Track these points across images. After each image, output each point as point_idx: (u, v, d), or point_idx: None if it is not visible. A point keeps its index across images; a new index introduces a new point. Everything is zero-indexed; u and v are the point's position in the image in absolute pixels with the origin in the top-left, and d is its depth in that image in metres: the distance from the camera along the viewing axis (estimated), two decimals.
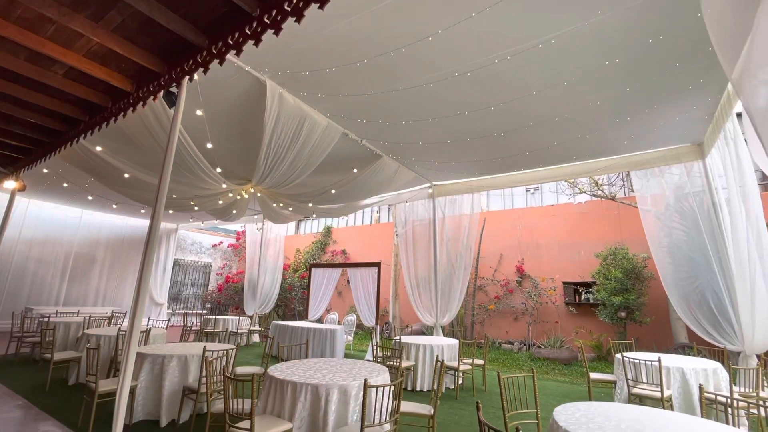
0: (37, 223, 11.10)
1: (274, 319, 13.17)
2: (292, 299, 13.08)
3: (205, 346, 4.04)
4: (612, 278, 7.45)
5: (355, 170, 6.83)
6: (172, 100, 3.87)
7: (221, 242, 16.27)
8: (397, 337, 6.04)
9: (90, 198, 8.13)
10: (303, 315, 13.20)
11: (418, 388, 6.04)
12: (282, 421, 2.93)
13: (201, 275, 15.61)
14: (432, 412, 3.37)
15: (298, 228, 16.18)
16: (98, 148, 5.90)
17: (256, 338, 10.59)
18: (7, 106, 4.98)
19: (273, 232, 12.02)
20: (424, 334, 10.30)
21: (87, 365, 3.97)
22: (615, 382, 5.25)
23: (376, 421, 2.82)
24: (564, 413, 2.38)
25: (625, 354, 4.81)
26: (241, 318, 10.14)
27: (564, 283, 8.92)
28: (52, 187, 8.74)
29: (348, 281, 12.63)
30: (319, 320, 10.22)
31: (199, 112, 4.76)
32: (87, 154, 6.21)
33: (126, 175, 6.29)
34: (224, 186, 6.49)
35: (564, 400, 5.60)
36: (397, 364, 5.77)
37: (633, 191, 8.49)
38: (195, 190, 7.23)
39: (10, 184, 7.25)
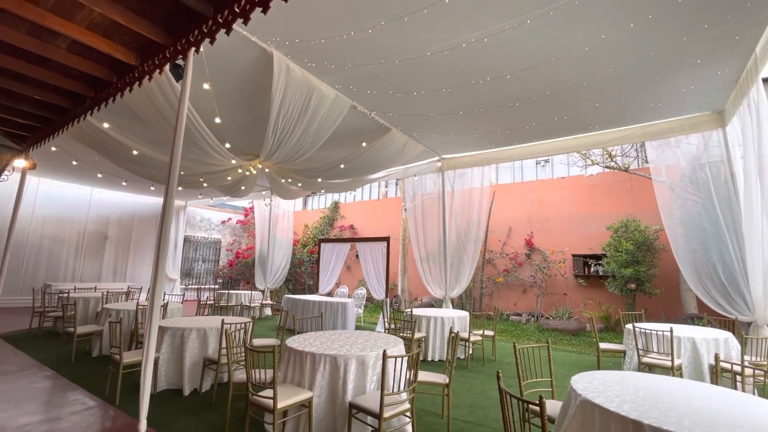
0: (48, 202, 11.23)
1: (285, 293, 13.44)
2: (302, 274, 13.28)
3: (223, 320, 4.13)
4: (623, 250, 7.42)
5: (363, 144, 6.73)
6: (179, 73, 3.78)
7: (230, 218, 16.40)
8: (409, 310, 6.14)
9: (99, 175, 8.15)
10: (313, 289, 13.44)
11: (429, 358, 6.18)
12: (303, 390, 3.02)
13: (211, 251, 15.85)
14: (447, 380, 3.45)
15: (305, 203, 16.20)
16: (105, 125, 5.84)
17: (268, 311, 10.84)
18: (11, 82, 4.91)
19: (281, 207, 12.05)
20: (432, 306, 10.47)
21: (110, 338, 4.10)
22: (624, 352, 5.32)
23: (395, 389, 2.89)
24: (581, 382, 2.42)
25: (636, 324, 4.84)
26: (253, 292, 10.33)
27: (573, 255, 8.91)
28: (61, 166, 8.76)
29: (357, 255, 12.76)
30: (329, 294, 10.40)
31: (206, 86, 4.66)
32: (94, 131, 6.17)
33: (134, 152, 6.26)
34: (233, 162, 6.44)
35: (574, 369, 5.72)
36: (410, 335, 5.89)
37: (647, 162, 8.31)
38: (203, 166, 7.20)
39: (21, 162, 7.27)
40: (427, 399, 4.16)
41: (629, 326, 5.31)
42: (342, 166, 6.94)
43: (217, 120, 5.23)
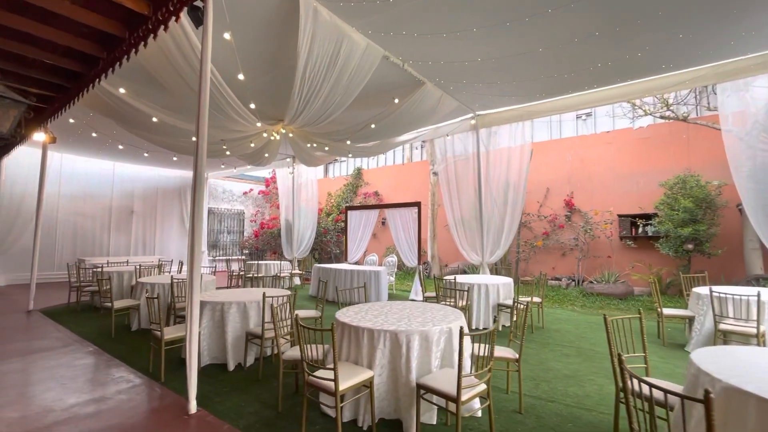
0: (72, 179, 11.20)
1: (311, 262, 13.37)
2: (328, 242, 13.11)
3: (264, 293, 3.87)
4: (680, 208, 6.79)
5: (396, 100, 6.16)
6: (198, 17, 3.30)
7: (251, 189, 16.22)
8: (452, 277, 5.80)
9: (120, 147, 7.90)
10: (339, 257, 13.30)
11: (473, 327, 5.91)
12: (363, 369, 2.73)
13: (235, 222, 15.83)
14: (517, 355, 3.12)
15: (327, 171, 15.80)
16: (121, 90, 5.45)
17: (297, 281, 10.77)
18: (20, 45, 4.53)
19: (303, 176, 11.68)
20: (465, 272, 10.16)
21: (149, 314, 3.91)
22: (690, 318, 4.88)
23: (471, 370, 2.57)
24: (711, 362, 2.00)
25: (713, 288, 4.37)
26: (282, 262, 10.22)
27: (619, 215, 8.30)
28: (81, 139, 8.53)
29: (383, 222, 12.44)
30: (357, 262, 10.17)
31: (227, 36, 4.15)
32: (110, 98, 5.79)
33: (154, 119, 5.89)
34: (258, 125, 6.02)
35: (635, 337, 5.32)
36: (452, 303, 5.58)
37: (709, 110, 7.46)
38: (225, 132, 6.80)
39: (40, 136, 7.04)
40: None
41: (699, 290, 4.84)
42: (372, 126, 6.42)
43: (241, 76, 4.74)
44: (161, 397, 3.33)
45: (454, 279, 5.60)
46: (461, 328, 2.32)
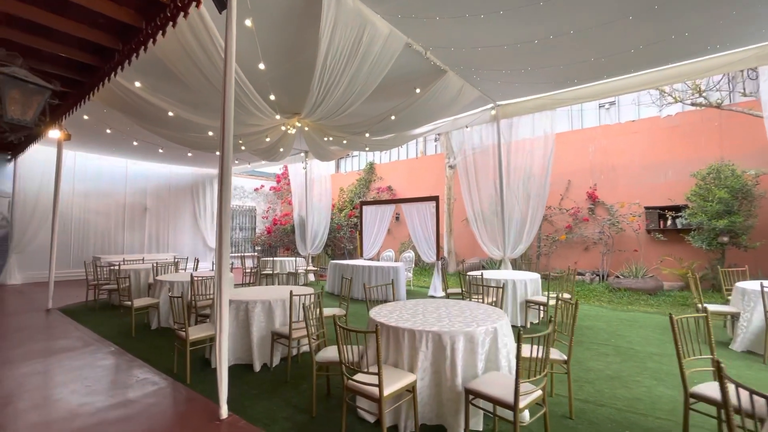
0: (86, 177, 11.18)
1: (324, 258, 13.25)
2: (341, 238, 12.96)
3: (291, 291, 3.71)
4: (714, 199, 6.49)
5: (417, 90, 5.94)
6: (222, 2, 3.12)
7: (262, 186, 16.12)
8: (478, 273, 5.60)
9: (135, 143, 7.80)
10: (353, 253, 13.17)
11: None
12: (404, 373, 2.56)
13: (247, 219, 15.76)
14: (566, 357, 2.92)
15: (338, 166, 15.63)
16: (137, 84, 5.31)
17: (311, 277, 10.64)
18: (33, 38, 4.39)
19: (314, 171, 11.51)
20: (484, 268, 9.94)
21: (172, 314, 3.78)
22: (735, 315, 4.63)
23: (529, 375, 2.37)
24: None
25: (764, 282, 4.11)
26: (297, 259, 10.11)
27: (647, 208, 8.00)
28: (95, 136, 8.46)
29: (397, 218, 12.26)
30: (372, 258, 10.00)
31: (248, 23, 3.97)
32: (126, 93, 5.66)
33: (170, 114, 5.75)
34: (278, 117, 5.85)
35: (668, 334, 5.09)
36: (479, 300, 5.39)
37: (746, 95, 7.11)
38: (242, 127, 6.65)
39: (55, 133, 6.96)
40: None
41: (744, 285, 4.58)
42: (393, 117, 6.21)
43: (262, 65, 4.57)
44: (189, 401, 3.20)
45: (481, 275, 5.39)
46: (519, 330, 2.13)
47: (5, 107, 1.53)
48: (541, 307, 5.62)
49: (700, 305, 4.74)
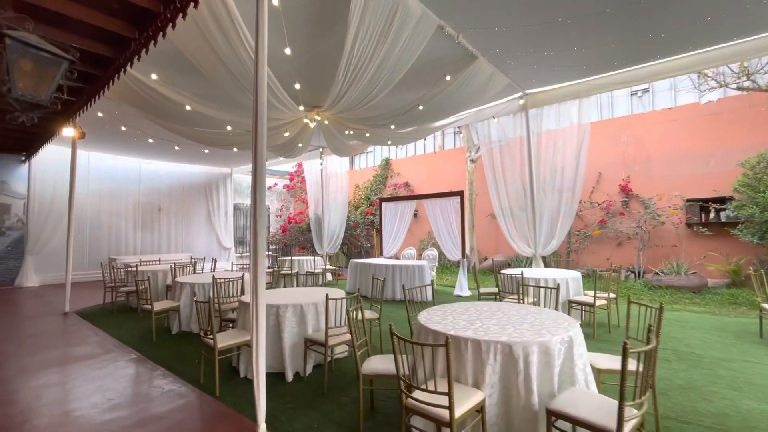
0: (100, 177, 11.04)
1: (340, 257, 12.97)
2: (358, 236, 12.66)
3: (327, 295, 3.40)
4: (766, 190, 6.02)
5: (448, 77, 5.58)
6: None
7: (275, 184, 15.89)
8: (518, 272, 5.23)
9: (150, 141, 7.57)
10: (369, 252, 12.86)
11: None
12: (470, 390, 2.23)
13: None
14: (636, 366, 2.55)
15: (352, 163, 15.32)
16: (153, 76, 5.05)
17: (329, 277, 10.35)
18: (46, 29, 4.13)
19: (330, 167, 11.20)
20: (509, 266, 9.55)
21: (198, 320, 3.50)
22: None
23: (590, 387, 2.03)
24: None
25: None
26: (316, 258, 9.83)
27: (687, 200, 7.54)
28: (110, 134, 8.25)
29: (415, 215, 11.90)
30: (390, 257, 9.67)
31: (275, 1, 3.65)
32: (141, 87, 5.40)
33: (187, 107, 5.48)
34: (301, 109, 5.54)
35: (728, 337, 4.68)
36: (514, 300, 5.04)
37: None
38: None
39: (69, 131, 6.75)
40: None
41: None
42: (420, 107, 5.86)
43: (288, 50, 4.25)
44: (222, 417, 2.91)
45: (521, 274, 5.02)
46: (624, 343, 1.78)
47: (14, 81, 1.25)
48: (583, 308, 5.25)
49: (766, 305, 4.33)
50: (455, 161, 11.44)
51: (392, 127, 6.35)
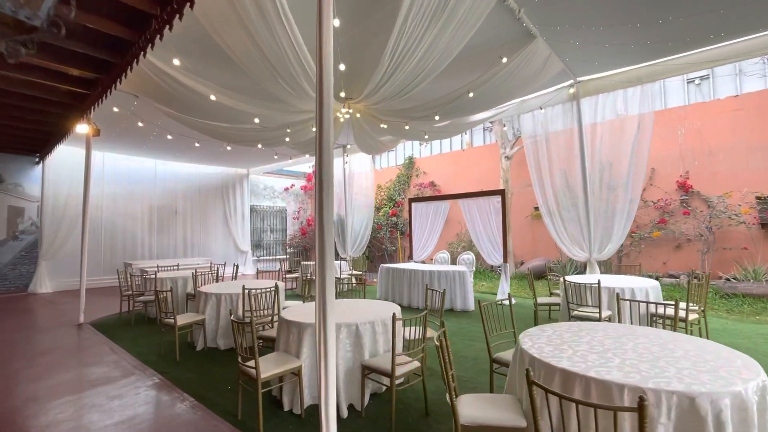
0: (115, 178, 10.62)
1: (363, 261, 12.37)
2: (382, 239, 12.04)
3: (394, 314, 2.78)
4: None
5: (504, 59, 4.93)
6: None
7: (293, 185, 15.37)
8: (593, 282, 4.54)
9: (170, 137, 7.07)
10: (393, 255, 12.24)
11: None
12: None
13: (278, 220, 15.04)
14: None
15: (373, 162, 14.71)
16: (176, 62, 4.50)
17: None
18: (59, 7, 3.61)
19: (352, 166, 10.61)
20: (551, 270, 8.84)
21: (236, 344, 2.90)
22: None
23: None
24: None
25: None
26: (342, 262, 9.24)
27: (758, 198, 6.75)
28: (125, 132, 7.78)
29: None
30: (424, 261, 9.03)
31: None
32: (161, 77, 4.87)
33: (212, 97, 4.92)
34: (342, 95, 4.95)
35: None
36: (584, 312, 4.36)
37: None
38: (288, 115, 5.80)
39: (83, 128, 6.27)
40: None
41: None
42: (471, 94, 5.22)
43: (336, 22, 3.65)
44: None
45: (598, 282, 4.34)
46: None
47: None
48: (665, 321, 4.53)
49: None
50: (486, 158, 10.76)
51: (436, 118, 5.71)
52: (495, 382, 3.06)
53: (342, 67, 4.36)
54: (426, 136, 6.92)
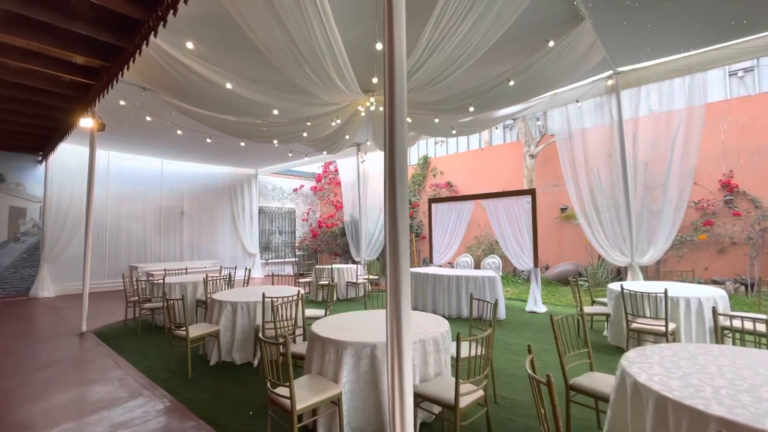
0: (120, 178, 10.23)
1: (375, 265, 11.88)
2: None
3: (459, 335, 2.30)
4: None
5: (551, 43, 4.46)
6: None
7: (302, 186, 14.95)
8: (661, 288, 4.03)
9: (180, 132, 6.64)
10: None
11: None
12: None
13: (287, 222, 14.61)
14: None
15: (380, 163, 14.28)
16: (189, 45, 4.06)
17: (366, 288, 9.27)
18: None
19: (367, 166, 10.16)
20: (581, 275, 8.33)
21: (265, 368, 2.43)
22: None
23: None
24: None
25: None
26: (358, 266, 8.78)
27: None
28: (132, 128, 7.37)
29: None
30: (443, 265, 8.54)
31: None
32: (173, 65, 4.44)
33: (228, 85, 4.48)
34: (375, 81, 4.52)
35: None
36: (649, 325, 3.87)
37: None
38: (309, 107, 5.35)
39: (87, 122, 5.86)
40: None
41: None
42: (511, 82, 4.76)
43: None
44: None
45: (665, 292, 3.84)
46: None
47: None
48: (743, 336, 4.03)
49: None
50: (507, 157, 10.28)
51: (471, 109, 5.24)
52: (572, 411, 2.57)
53: (378, 46, 3.88)
54: (454, 131, 6.45)
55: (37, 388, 3.61)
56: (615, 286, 4.74)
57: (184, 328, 3.96)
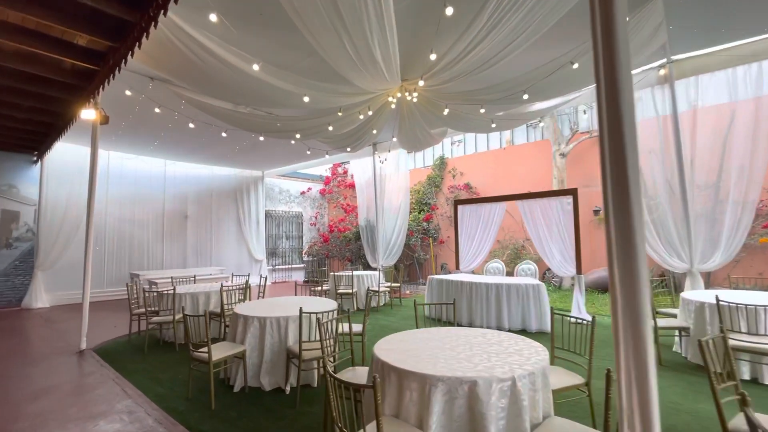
0: (121, 180, 9.60)
1: (393, 271, 11.29)
2: (414, 246, 10.97)
3: (609, 371, 1.72)
4: None
5: (626, 18, 3.92)
6: None
7: (309, 189, 14.36)
8: (748, 297, 3.46)
9: (191, 125, 6.03)
10: (423, 265, 11.17)
11: (766, 381, 3.60)
12: None
13: (294, 226, 13.99)
14: None
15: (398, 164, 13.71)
16: (213, 17, 3.48)
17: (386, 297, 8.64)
18: None
19: (384, 166, 9.58)
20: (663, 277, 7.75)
21: (333, 418, 1.82)
22: None
23: None
24: None
25: None
26: (379, 274, 8.17)
27: None
28: (137, 122, 6.76)
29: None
30: (473, 271, 7.95)
31: None
32: (189, 45, 3.86)
33: (255, 67, 3.90)
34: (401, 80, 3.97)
35: None
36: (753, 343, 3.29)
37: None
38: (340, 97, 4.78)
39: (89, 113, 5.25)
40: None
41: None
42: (575, 65, 4.20)
43: None
44: None
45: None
46: None
47: None
48: None
49: None
50: (532, 157, 9.75)
51: (525, 97, 4.68)
52: None
53: (449, 10, 3.30)
54: (493, 125, 5.90)
55: (30, 425, 2.98)
56: (695, 295, 4.18)
57: (205, 350, 3.34)
